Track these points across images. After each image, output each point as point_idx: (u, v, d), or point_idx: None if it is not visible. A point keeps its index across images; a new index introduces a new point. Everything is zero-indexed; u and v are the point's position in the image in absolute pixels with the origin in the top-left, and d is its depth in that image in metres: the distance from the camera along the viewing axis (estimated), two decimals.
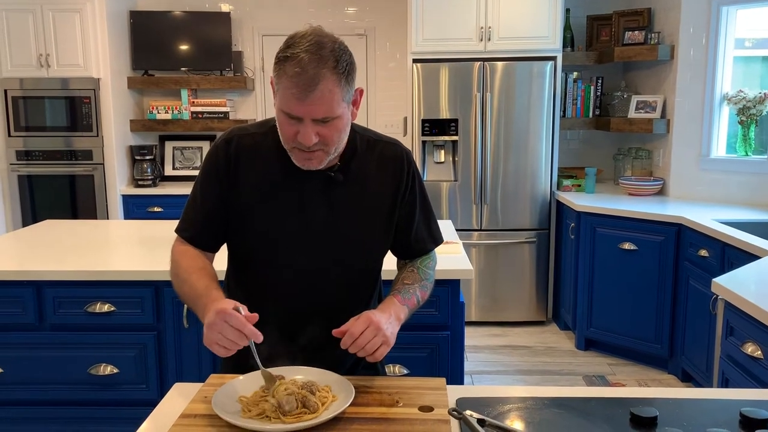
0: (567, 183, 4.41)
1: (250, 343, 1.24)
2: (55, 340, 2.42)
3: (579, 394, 1.37)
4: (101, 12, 4.53)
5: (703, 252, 3.24)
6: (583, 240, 3.94)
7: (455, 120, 4.30)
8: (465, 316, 2.63)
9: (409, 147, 4.31)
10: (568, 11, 4.51)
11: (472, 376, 3.65)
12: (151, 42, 4.94)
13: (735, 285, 2.14)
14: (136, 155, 4.89)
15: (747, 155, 3.84)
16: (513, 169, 4.33)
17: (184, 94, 4.97)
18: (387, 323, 1.32)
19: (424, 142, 4.37)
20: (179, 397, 1.36)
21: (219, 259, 1.53)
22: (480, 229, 4.41)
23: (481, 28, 4.24)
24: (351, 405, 1.24)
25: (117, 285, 2.39)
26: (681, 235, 3.49)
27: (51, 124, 4.67)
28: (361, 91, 1.39)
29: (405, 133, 4.52)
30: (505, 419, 1.24)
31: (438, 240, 1.61)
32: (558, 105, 4.34)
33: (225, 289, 1.55)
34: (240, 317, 1.21)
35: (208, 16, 4.97)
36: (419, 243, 1.57)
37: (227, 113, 4.99)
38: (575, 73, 4.55)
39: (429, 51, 4.29)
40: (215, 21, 4.94)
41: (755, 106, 3.74)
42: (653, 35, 4.19)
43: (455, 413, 1.21)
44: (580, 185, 4.40)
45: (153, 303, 2.41)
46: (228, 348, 1.22)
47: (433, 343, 2.41)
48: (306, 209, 1.43)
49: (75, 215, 4.73)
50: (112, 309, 2.40)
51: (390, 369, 2.38)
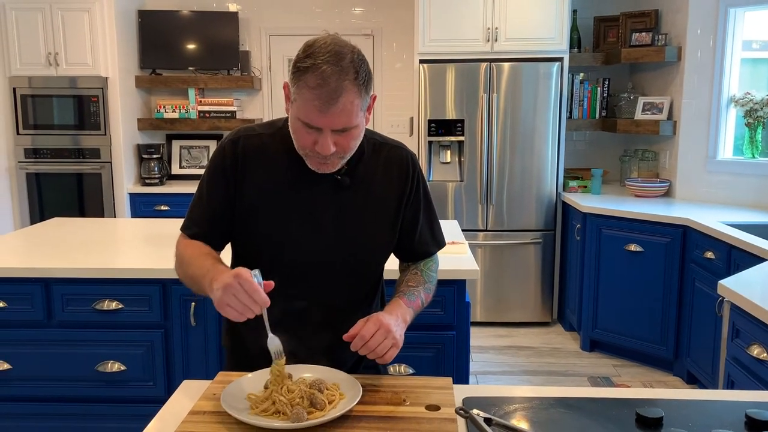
0: (573, 184, 4.41)
1: (262, 311, 1.24)
2: (63, 337, 2.44)
3: (585, 394, 1.38)
4: (110, 11, 4.56)
5: (709, 254, 3.24)
6: (589, 241, 3.94)
7: (461, 120, 4.31)
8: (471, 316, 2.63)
9: (416, 147, 4.34)
10: (575, 12, 4.50)
11: (477, 376, 3.65)
12: (159, 41, 4.96)
13: (741, 287, 2.14)
14: (143, 154, 4.91)
15: (754, 157, 3.83)
16: (519, 170, 4.34)
17: (191, 93, 4.99)
18: (396, 325, 1.33)
19: (430, 142, 4.37)
20: (187, 395, 1.37)
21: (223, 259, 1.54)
22: (486, 230, 4.42)
23: (488, 28, 4.25)
24: (358, 403, 1.25)
25: (125, 283, 2.41)
26: (687, 237, 3.49)
27: (59, 122, 4.70)
28: (375, 97, 1.40)
29: (411, 134, 4.52)
30: (512, 419, 1.25)
31: (441, 243, 1.62)
32: (564, 106, 4.34)
33: None
34: (254, 283, 1.21)
35: (215, 15, 4.99)
36: (422, 246, 1.58)
37: (234, 113, 5.01)
38: (582, 74, 4.55)
39: (436, 51, 4.29)
40: (223, 21, 4.96)
41: (762, 108, 3.73)
42: (660, 37, 4.19)
43: (462, 412, 1.21)
44: (586, 186, 4.40)
45: (160, 301, 2.43)
46: (240, 312, 1.21)
47: (439, 343, 2.42)
48: (312, 212, 1.44)
49: (82, 213, 4.76)
50: (119, 306, 2.41)
51: (396, 368, 2.39)
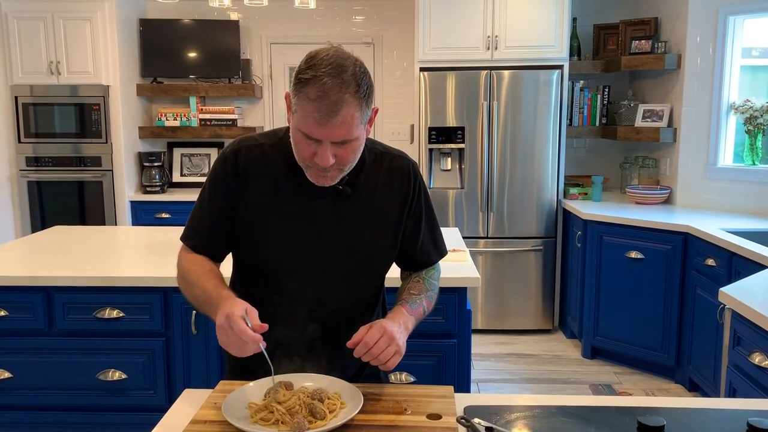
0: (573, 191, 4.41)
1: (261, 348, 1.25)
2: (64, 345, 2.44)
3: (586, 402, 1.38)
4: (111, 20, 4.58)
5: (710, 261, 3.23)
6: (590, 248, 3.94)
7: (462, 128, 4.32)
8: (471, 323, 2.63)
9: (416, 155, 4.35)
10: (574, 20, 4.52)
11: (478, 384, 3.64)
12: (160, 49, 4.98)
13: (742, 294, 2.14)
14: (144, 162, 4.92)
15: (754, 164, 3.84)
16: (519, 177, 4.34)
17: (192, 101, 5.01)
18: (399, 333, 1.33)
19: (430, 149, 4.38)
20: (189, 404, 1.37)
21: (223, 269, 1.54)
22: (486, 237, 4.42)
23: (488, 36, 4.26)
24: (359, 412, 1.25)
25: (126, 291, 2.41)
26: (688, 244, 3.49)
27: (60, 130, 4.71)
28: (376, 110, 1.40)
29: (412, 141, 4.53)
30: (513, 427, 1.25)
31: (443, 252, 1.62)
32: (565, 113, 4.34)
33: None
34: (241, 325, 1.22)
35: (216, 24, 5.01)
36: (424, 255, 1.58)
37: (235, 121, 5.02)
38: (582, 82, 4.56)
39: (436, 59, 4.31)
40: (224, 29, 4.98)
41: (762, 115, 3.74)
42: (660, 44, 4.20)
43: (463, 421, 1.21)
44: (586, 193, 4.40)
45: (161, 309, 2.42)
46: (237, 350, 1.24)
47: (440, 351, 2.41)
48: (314, 222, 1.44)
49: (83, 221, 4.76)
50: (121, 315, 2.41)
51: (396, 377, 2.39)
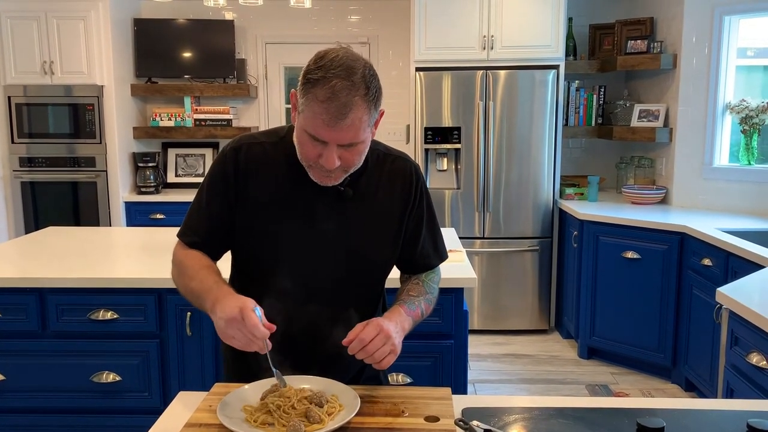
0: (569, 191, 4.41)
1: (266, 350, 1.24)
2: (58, 347, 2.42)
3: (585, 404, 1.37)
4: (105, 19, 4.55)
5: (707, 261, 3.23)
6: (586, 248, 3.94)
7: (458, 128, 4.31)
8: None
9: (412, 155, 4.33)
10: (570, 20, 4.52)
11: (474, 384, 3.63)
12: (155, 49, 4.96)
13: (740, 294, 2.14)
14: (138, 162, 4.90)
15: (750, 164, 3.84)
16: (515, 177, 4.34)
17: (187, 101, 4.99)
18: (395, 332, 1.32)
19: (426, 149, 4.37)
20: (184, 406, 1.36)
21: (221, 267, 1.52)
22: (482, 237, 4.41)
23: (484, 36, 4.26)
24: (356, 415, 1.23)
25: (120, 292, 2.39)
26: (684, 244, 3.49)
27: (54, 131, 4.68)
28: (383, 113, 1.38)
29: (408, 141, 4.52)
30: (512, 429, 1.24)
31: (443, 256, 1.60)
32: (560, 113, 4.34)
33: None
34: (254, 319, 1.21)
35: (211, 24, 4.99)
36: (424, 258, 1.56)
37: (230, 121, 5.00)
38: (577, 82, 4.56)
39: (432, 59, 4.30)
40: (219, 29, 4.96)
41: (758, 115, 3.74)
42: (656, 44, 4.20)
43: (461, 423, 1.20)
44: (582, 194, 4.40)
45: (156, 310, 2.41)
46: (243, 344, 1.23)
47: (437, 352, 2.40)
48: (315, 223, 1.42)
49: (78, 222, 4.74)
50: (115, 316, 2.40)
51: (393, 378, 2.37)
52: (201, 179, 1.50)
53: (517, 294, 4.42)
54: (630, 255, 3.71)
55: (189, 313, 2.40)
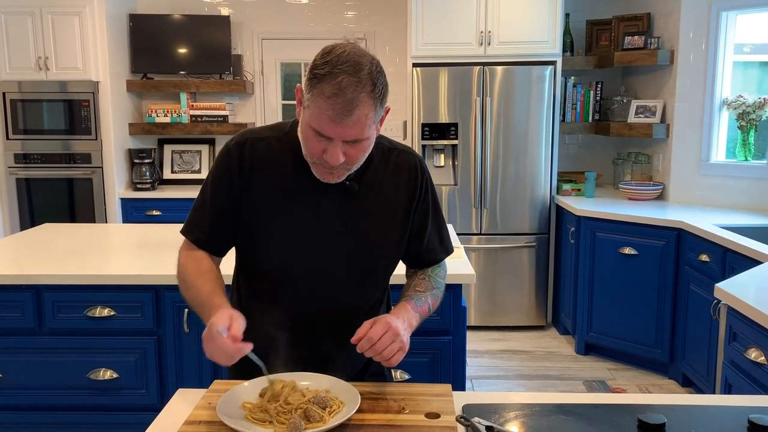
0: (567, 187, 4.41)
1: (249, 355, 1.25)
2: (55, 344, 2.41)
3: (585, 400, 1.37)
4: (100, 15, 4.52)
5: (704, 257, 3.24)
6: (583, 244, 3.94)
7: (455, 124, 4.30)
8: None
9: None
10: (567, 16, 4.51)
11: (472, 380, 3.64)
12: (151, 45, 4.93)
13: (737, 290, 2.14)
14: (134, 159, 4.88)
15: (747, 160, 3.84)
16: (513, 174, 4.33)
17: (183, 97, 4.96)
18: (403, 329, 1.31)
19: (423, 146, 4.36)
20: (182, 403, 1.35)
21: (225, 264, 1.52)
22: (480, 234, 4.41)
23: (481, 32, 4.25)
24: (357, 412, 1.23)
25: (117, 289, 2.38)
26: (681, 240, 3.49)
27: (49, 127, 4.65)
28: (389, 110, 1.37)
29: (405, 137, 4.51)
30: (513, 426, 1.23)
31: (449, 250, 1.59)
32: (557, 109, 4.34)
33: (233, 293, 1.54)
34: (222, 338, 1.22)
35: (207, 19, 4.96)
36: (430, 252, 1.55)
37: (226, 117, 4.98)
38: (574, 78, 4.56)
39: (429, 55, 4.29)
40: (215, 24, 4.94)
41: (755, 111, 3.75)
42: (653, 40, 4.20)
43: (463, 420, 1.20)
44: (579, 190, 4.40)
45: (153, 307, 2.40)
46: (224, 361, 1.25)
47: (435, 348, 2.40)
48: (320, 218, 1.41)
49: (73, 219, 4.71)
50: (111, 313, 2.38)
51: (392, 374, 2.37)
52: (197, 175, 1.49)
53: (515, 290, 4.42)
54: (627, 251, 3.71)
55: (186, 310, 2.39)
